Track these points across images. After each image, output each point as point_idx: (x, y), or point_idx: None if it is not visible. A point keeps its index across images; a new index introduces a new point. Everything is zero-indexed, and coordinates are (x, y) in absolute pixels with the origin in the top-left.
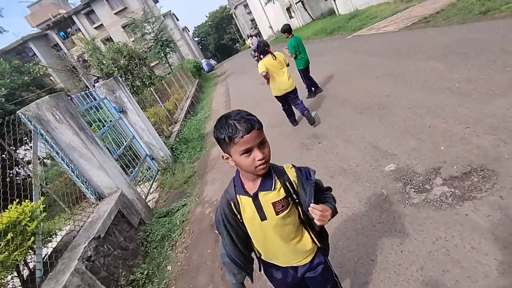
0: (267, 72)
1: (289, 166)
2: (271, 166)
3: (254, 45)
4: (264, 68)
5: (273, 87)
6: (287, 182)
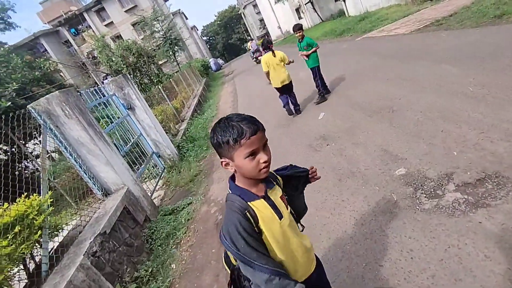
0: (268, 71)
1: None
2: None
3: (253, 48)
4: (266, 66)
5: (273, 79)
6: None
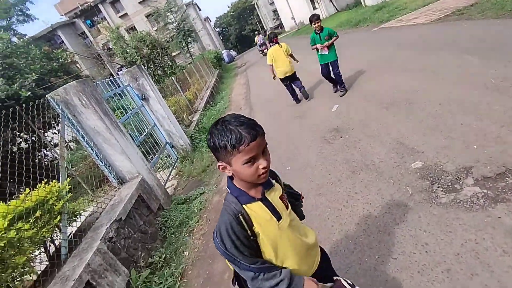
0: (272, 64)
1: None
2: None
3: (260, 41)
4: (271, 59)
5: (277, 70)
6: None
